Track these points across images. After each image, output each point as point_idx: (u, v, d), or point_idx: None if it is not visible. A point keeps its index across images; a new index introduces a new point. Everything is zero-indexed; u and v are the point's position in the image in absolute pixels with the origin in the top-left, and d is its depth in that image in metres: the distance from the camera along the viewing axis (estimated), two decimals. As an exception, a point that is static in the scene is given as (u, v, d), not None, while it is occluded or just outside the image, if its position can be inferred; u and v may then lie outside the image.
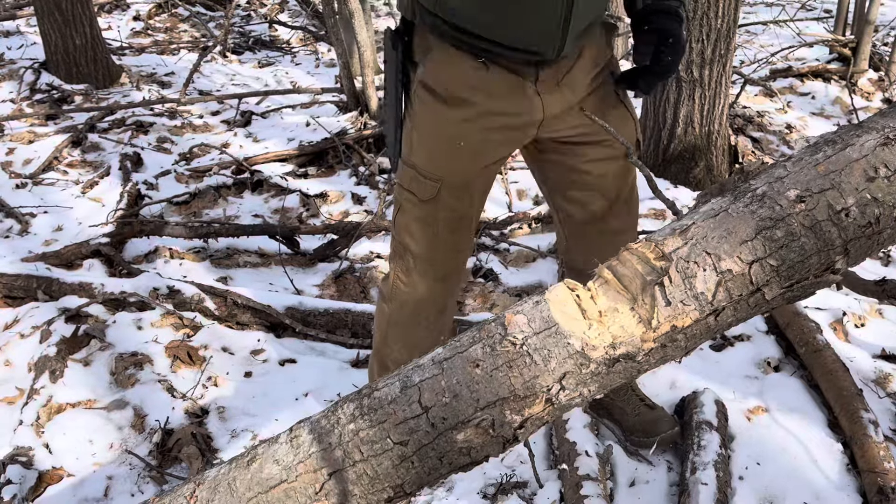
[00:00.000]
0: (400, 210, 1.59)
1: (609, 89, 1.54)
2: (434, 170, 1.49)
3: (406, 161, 1.53)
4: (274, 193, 3.50)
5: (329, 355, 2.34)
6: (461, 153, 1.47)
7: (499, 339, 0.89)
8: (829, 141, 0.96)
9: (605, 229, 1.66)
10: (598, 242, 1.66)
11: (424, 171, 1.50)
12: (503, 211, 3.15)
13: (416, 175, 1.51)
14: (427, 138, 1.48)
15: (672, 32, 1.42)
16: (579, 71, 1.47)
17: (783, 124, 4.11)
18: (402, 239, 1.61)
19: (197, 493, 0.97)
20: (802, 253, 0.89)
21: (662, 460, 1.89)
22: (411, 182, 1.53)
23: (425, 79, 1.44)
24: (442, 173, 1.49)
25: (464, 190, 1.53)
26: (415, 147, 1.50)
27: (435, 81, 1.43)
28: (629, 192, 1.67)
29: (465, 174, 1.51)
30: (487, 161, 1.52)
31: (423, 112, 1.46)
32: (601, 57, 1.51)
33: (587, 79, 1.49)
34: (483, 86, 1.41)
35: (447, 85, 1.42)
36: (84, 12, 4.78)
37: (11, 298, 2.53)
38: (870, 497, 1.71)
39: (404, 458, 0.91)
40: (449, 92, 1.42)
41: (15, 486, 1.83)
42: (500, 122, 1.45)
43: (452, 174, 1.50)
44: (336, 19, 4.11)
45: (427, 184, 1.50)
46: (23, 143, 3.99)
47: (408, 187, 1.54)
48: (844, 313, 2.37)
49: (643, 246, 0.91)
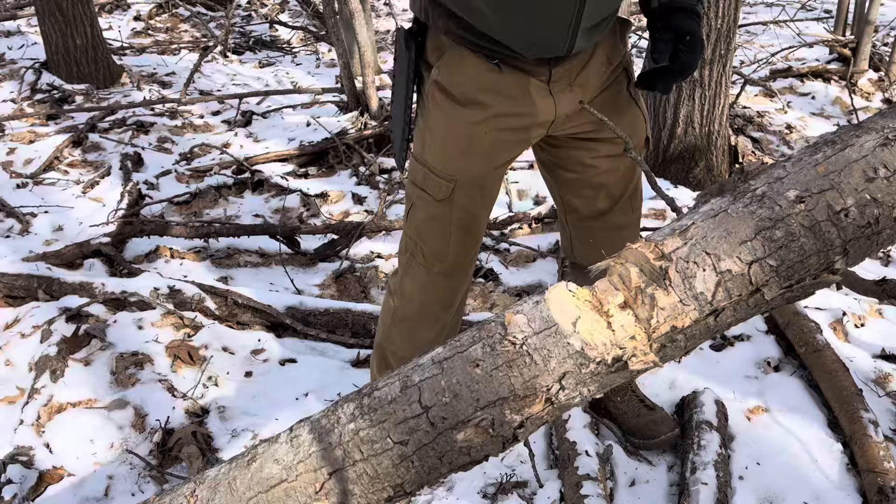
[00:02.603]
0: (413, 207, 1.60)
1: (621, 87, 1.54)
2: (448, 169, 1.50)
3: (419, 159, 1.54)
4: (274, 193, 3.50)
5: (329, 355, 2.34)
6: (475, 153, 1.48)
7: (499, 338, 0.90)
8: (829, 141, 0.96)
9: (608, 225, 1.68)
10: (602, 238, 1.67)
11: (438, 170, 1.51)
12: (503, 211, 3.15)
13: (429, 174, 1.52)
14: (441, 138, 1.49)
15: (690, 31, 1.40)
16: (592, 70, 1.47)
17: (783, 124, 4.11)
18: (413, 235, 1.63)
19: (197, 493, 0.98)
20: (802, 253, 0.89)
21: (662, 460, 1.89)
22: (424, 180, 1.54)
23: (440, 80, 1.45)
24: (456, 173, 1.50)
25: (477, 189, 1.55)
26: (428, 146, 1.51)
27: (449, 83, 1.44)
28: (634, 189, 1.69)
29: (478, 174, 1.53)
30: (500, 161, 1.54)
31: (437, 112, 1.47)
32: (615, 54, 1.50)
33: (600, 78, 1.49)
34: (497, 88, 1.42)
35: (462, 87, 1.43)
36: (85, 12, 4.78)
37: (12, 298, 2.53)
38: (870, 497, 1.71)
39: (404, 457, 0.91)
40: (463, 94, 1.43)
41: (15, 486, 1.83)
42: (513, 123, 1.46)
43: (466, 174, 1.51)
44: (336, 19, 4.11)
45: (441, 183, 1.51)
46: (23, 142, 3.99)
47: (421, 185, 1.55)
48: (844, 313, 2.37)
49: (643, 246, 0.91)
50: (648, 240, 0.93)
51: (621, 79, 1.54)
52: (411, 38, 1.47)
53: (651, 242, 0.92)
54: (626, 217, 1.70)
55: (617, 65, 1.52)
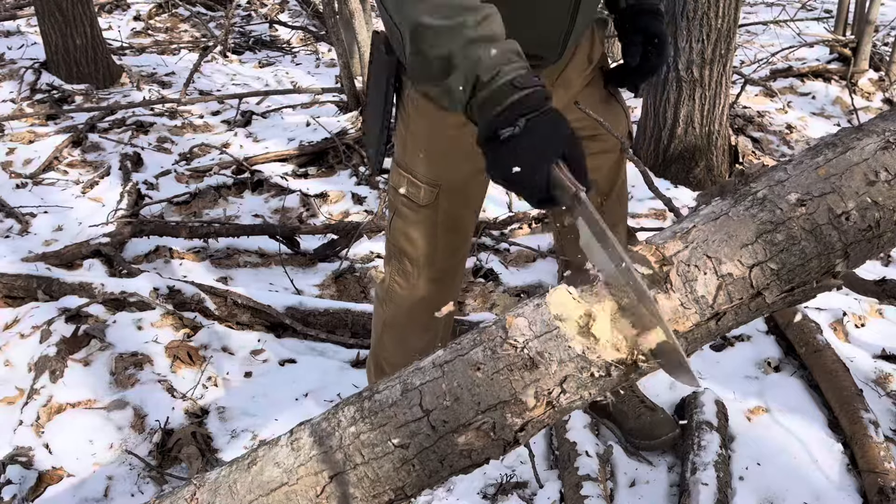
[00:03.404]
0: (396, 214, 1.57)
1: (600, 83, 1.57)
2: (432, 175, 1.48)
3: (400, 165, 1.52)
4: (274, 193, 3.50)
5: (329, 355, 2.34)
6: (458, 157, 1.45)
7: (500, 342, 0.89)
8: (830, 144, 0.96)
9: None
10: None
11: (422, 176, 1.48)
12: (503, 211, 3.15)
13: (412, 180, 1.50)
14: (423, 143, 1.47)
15: (658, 33, 1.45)
16: (573, 69, 1.49)
17: (783, 124, 4.10)
18: (397, 243, 1.60)
19: (198, 495, 0.97)
20: (803, 256, 0.89)
21: (662, 461, 1.89)
22: (408, 187, 1.51)
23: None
24: (440, 178, 1.48)
25: (462, 194, 1.53)
26: (410, 151, 1.49)
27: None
28: (621, 186, 1.70)
29: (462, 178, 1.50)
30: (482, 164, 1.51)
31: (418, 117, 1.45)
32: (594, 53, 1.53)
33: (581, 76, 1.51)
34: None
35: None
36: (84, 12, 4.78)
37: (12, 298, 2.53)
38: (870, 497, 1.71)
39: (405, 460, 0.91)
40: None
41: (15, 486, 1.83)
42: None
43: (451, 179, 1.49)
44: (336, 19, 4.10)
45: (425, 188, 1.49)
46: (23, 142, 3.99)
47: (404, 192, 1.52)
48: (844, 313, 2.37)
49: (644, 249, 0.91)
50: (649, 243, 0.93)
51: (599, 76, 1.57)
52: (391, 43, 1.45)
53: (652, 245, 0.92)
54: (616, 215, 1.71)
55: (596, 63, 1.54)
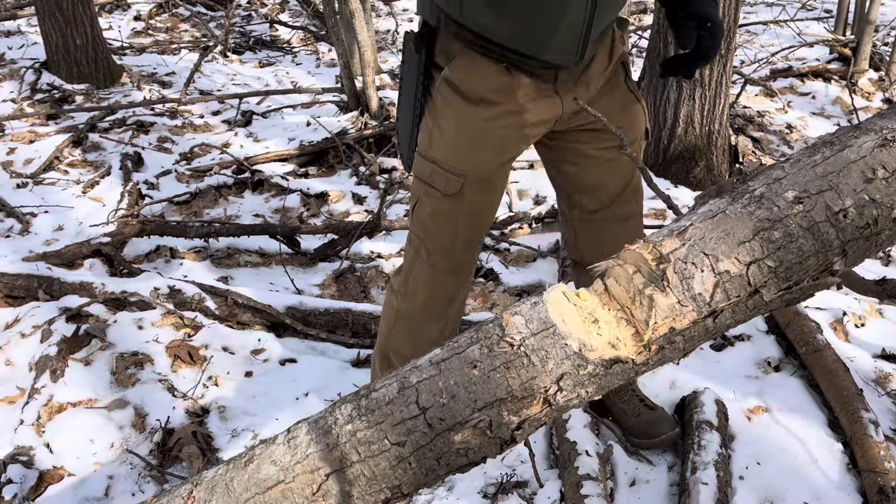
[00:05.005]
0: (418, 203, 1.61)
1: (620, 81, 1.60)
2: (457, 165, 1.52)
3: (425, 155, 1.56)
4: (274, 193, 3.50)
5: (329, 355, 2.34)
6: (484, 149, 1.51)
7: (496, 339, 0.89)
8: (827, 142, 0.96)
9: (613, 217, 1.71)
10: (607, 231, 1.72)
11: (447, 165, 1.52)
12: (503, 211, 3.15)
13: (437, 169, 1.54)
14: (451, 134, 1.51)
15: (711, 17, 1.45)
16: (595, 68, 1.53)
17: (783, 124, 4.10)
18: (418, 232, 1.64)
19: (194, 494, 0.97)
20: (800, 254, 0.89)
21: (663, 460, 1.89)
22: (432, 176, 1.55)
23: (451, 78, 1.48)
24: (465, 168, 1.52)
25: (487, 184, 1.57)
26: (436, 142, 1.53)
27: (461, 81, 1.47)
28: (637, 179, 1.72)
29: (487, 169, 1.55)
30: (506, 157, 1.57)
31: (446, 108, 1.50)
32: (615, 52, 1.56)
33: (602, 75, 1.55)
34: (506, 88, 1.47)
35: (473, 86, 1.47)
36: (85, 12, 4.78)
37: (12, 298, 2.53)
38: (870, 497, 1.71)
39: (402, 458, 0.91)
40: (474, 92, 1.47)
41: (16, 486, 1.84)
42: (521, 120, 1.50)
43: (476, 169, 1.53)
44: (337, 19, 4.11)
45: (451, 178, 1.53)
46: (24, 142, 3.99)
47: (428, 181, 1.56)
48: (844, 313, 2.37)
49: (641, 247, 0.91)
50: (647, 240, 0.93)
51: (619, 73, 1.60)
52: (421, 41, 1.50)
53: (649, 243, 0.92)
54: (630, 208, 1.73)
55: (616, 61, 1.57)
